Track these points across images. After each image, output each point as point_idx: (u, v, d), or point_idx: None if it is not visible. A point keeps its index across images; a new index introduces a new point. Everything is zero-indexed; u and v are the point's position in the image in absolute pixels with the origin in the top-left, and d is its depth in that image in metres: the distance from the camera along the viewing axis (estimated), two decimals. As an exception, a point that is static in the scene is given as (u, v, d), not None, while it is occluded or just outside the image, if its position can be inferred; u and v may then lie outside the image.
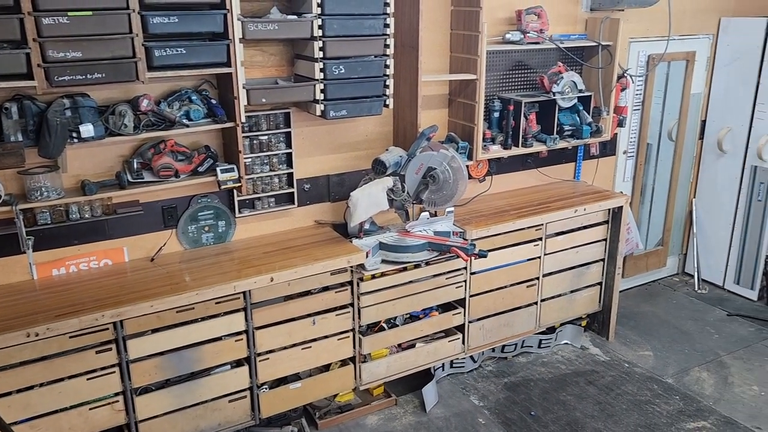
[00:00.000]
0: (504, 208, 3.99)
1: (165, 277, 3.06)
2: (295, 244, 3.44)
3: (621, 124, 4.40)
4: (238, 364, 3.17)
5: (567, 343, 4.39)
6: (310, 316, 3.29)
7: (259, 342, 3.18)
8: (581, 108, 4.06)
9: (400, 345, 3.67)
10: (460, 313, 3.77)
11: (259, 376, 3.22)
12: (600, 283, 4.36)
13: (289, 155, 3.48)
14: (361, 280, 3.37)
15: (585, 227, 4.13)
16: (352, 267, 3.33)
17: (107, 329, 2.79)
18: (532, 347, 4.26)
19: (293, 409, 3.47)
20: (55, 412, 2.79)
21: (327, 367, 3.48)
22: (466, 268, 3.68)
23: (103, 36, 2.64)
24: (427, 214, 3.67)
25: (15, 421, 2.68)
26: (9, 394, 2.68)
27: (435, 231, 3.58)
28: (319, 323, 3.32)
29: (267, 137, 3.38)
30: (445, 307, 3.79)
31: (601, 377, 4.04)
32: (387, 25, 3.23)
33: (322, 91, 3.18)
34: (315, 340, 3.34)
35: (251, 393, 3.24)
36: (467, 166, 3.75)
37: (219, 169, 3.17)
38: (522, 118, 3.85)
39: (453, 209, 3.70)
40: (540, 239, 3.93)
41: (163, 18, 2.74)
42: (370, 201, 3.44)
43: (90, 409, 2.85)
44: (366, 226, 3.53)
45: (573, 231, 4.08)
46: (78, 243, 3.13)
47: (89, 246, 3.16)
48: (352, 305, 3.40)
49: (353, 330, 3.44)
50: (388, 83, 3.35)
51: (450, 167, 3.50)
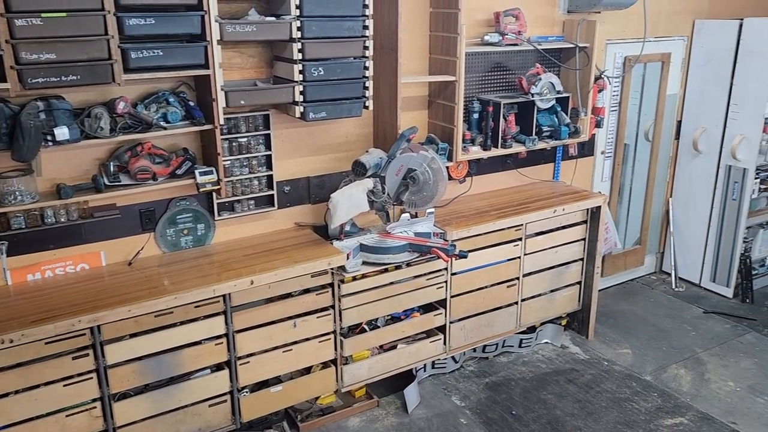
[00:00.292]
0: (484, 208, 4.01)
1: (143, 281, 3.03)
2: (276, 246, 3.42)
3: (599, 124, 4.45)
4: (218, 367, 3.15)
5: (547, 343, 4.42)
6: (290, 318, 3.28)
7: (240, 345, 3.16)
8: (559, 109, 4.10)
9: (381, 346, 3.68)
10: (441, 314, 3.78)
11: (240, 379, 3.20)
12: (579, 283, 4.40)
13: (269, 157, 3.46)
14: (342, 282, 3.36)
15: (564, 227, 4.16)
16: (332, 269, 3.32)
17: (84, 335, 2.75)
18: (512, 347, 4.28)
19: (274, 413, 3.45)
20: (32, 419, 2.74)
21: (308, 370, 3.47)
22: (446, 268, 3.70)
23: (78, 38, 2.61)
24: (408, 215, 3.68)
25: (-10, 430, 2.65)
26: (-17, 401, 2.63)
27: (416, 232, 3.59)
28: (300, 326, 3.30)
29: (246, 139, 3.36)
30: (427, 308, 3.80)
31: (581, 375, 4.08)
32: (366, 27, 3.23)
33: (301, 93, 3.17)
34: (296, 342, 3.32)
35: (232, 397, 3.22)
36: (447, 167, 3.77)
37: (197, 172, 3.13)
38: (501, 119, 3.87)
39: (433, 210, 3.71)
40: (520, 239, 3.96)
41: (140, 19, 2.70)
42: (350, 203, 3.43)
43: (67, 416, 2.81)
44: (347, 227, 3.53)
45: (552, 231, 4.12)
46: (54, 247, 3.09)
47: (65, 250, 3.12)
48: (333, 307, 3.39)
49: (334, 332, 3.43)
50: (367, 85, 3.34)
51: (430, 168, 3.51)
